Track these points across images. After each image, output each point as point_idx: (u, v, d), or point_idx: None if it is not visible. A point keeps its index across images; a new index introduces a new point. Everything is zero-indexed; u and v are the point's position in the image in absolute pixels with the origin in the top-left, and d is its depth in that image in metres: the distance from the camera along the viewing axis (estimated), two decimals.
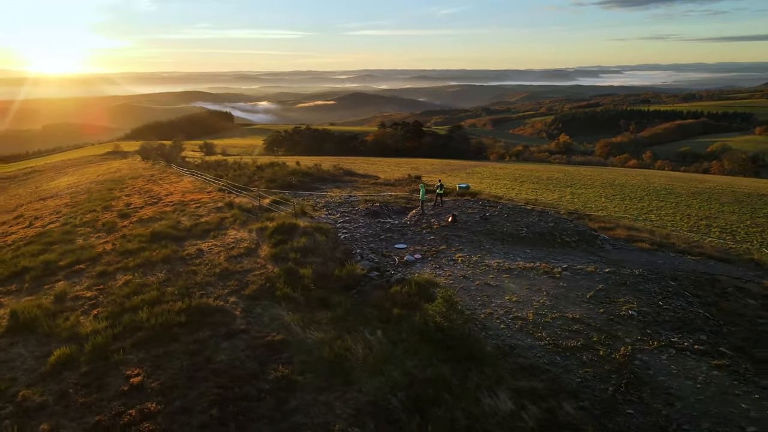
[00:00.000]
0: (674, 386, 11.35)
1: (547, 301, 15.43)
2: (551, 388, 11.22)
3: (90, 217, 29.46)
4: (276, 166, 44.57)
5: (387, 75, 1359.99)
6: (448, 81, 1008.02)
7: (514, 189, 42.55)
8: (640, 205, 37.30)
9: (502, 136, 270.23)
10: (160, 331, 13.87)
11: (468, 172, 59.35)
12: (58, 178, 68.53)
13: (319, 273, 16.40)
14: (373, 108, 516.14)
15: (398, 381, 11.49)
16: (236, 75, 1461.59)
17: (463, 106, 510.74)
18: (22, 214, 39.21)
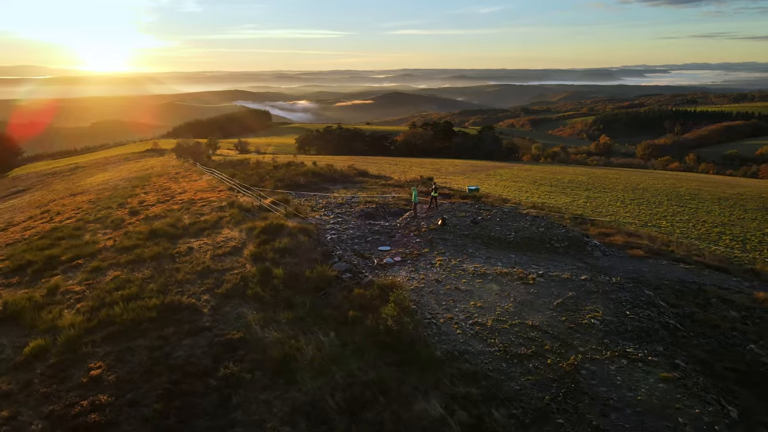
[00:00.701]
0: (614, 397, 11.23)
1: (512, 307, 15.39)
2: (487, 395, 11.27)
3: (103, 214, 30.76)
4: (292, 165, 45.32)
5: (426, 74, 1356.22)
6: (487, 80, 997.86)
7: (527, 192, 42.10)
8: (656, 210, 36.39)
9: (540, 137, 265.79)
10: (129, 326, 14.54)
11: (489, 173, 58.88)
12: (95, 174, 71.36)
13: (291, 274, 16.80)
14: (411, 108, 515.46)
15: (339, 382, 11.76)
16: (277, 74, 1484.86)
17: (501, 106, 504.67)
18: (49, 209, 41.13)
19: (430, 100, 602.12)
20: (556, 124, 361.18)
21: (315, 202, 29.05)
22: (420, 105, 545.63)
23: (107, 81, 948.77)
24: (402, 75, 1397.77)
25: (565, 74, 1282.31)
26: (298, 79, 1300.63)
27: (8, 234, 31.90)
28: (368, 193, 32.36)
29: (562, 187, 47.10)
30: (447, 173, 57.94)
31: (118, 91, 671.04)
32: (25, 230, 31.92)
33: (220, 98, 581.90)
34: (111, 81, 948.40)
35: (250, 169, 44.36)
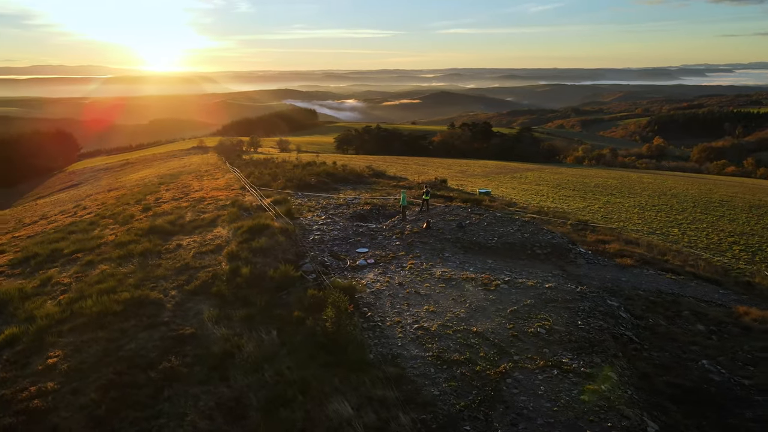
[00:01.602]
0: (530, 407, 11.20)
1: (464, 313, 15.44)
2: (403, 398, 11.45)
3: (119, 210, 32.35)
4: (312, 165, 46.14)
5: (474, 74, 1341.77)
6: (537, 80, 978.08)
7: (542, 196, 41.45)
8: (675, 217, 35.27)
9: (589, 139, 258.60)
10: (95, 318, 15.43)
11: (515, 176, 58.15)
12: (138, 171, 74.60)
13: (257, 273, 17.38)
14: (459, 107, 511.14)
15: (267, 381, 12.21)
16: (326, 73, 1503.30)
17: (552, 107, 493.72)
18: (80, 204, 43.52)
19: (478, 100, 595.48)
20: (608, 125, 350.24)
21: (316, 203, 29.64)
22: (467, 105, 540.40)
23: (165, 80, 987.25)
24: (450, 74, 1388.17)
25: (619, 74, 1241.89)
26: (346, 78, 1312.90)
27: (35, 227, 34.03)
28: (373, 195, 32.70)
29: (585, 192, 46.12)
30: (471, 175, 57.62)
31: (174, 89, 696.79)
32: (50, 223, 33.97)
33: (270, 97, 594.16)
34: (168, 80, 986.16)
35: (270, 168, 45.46)
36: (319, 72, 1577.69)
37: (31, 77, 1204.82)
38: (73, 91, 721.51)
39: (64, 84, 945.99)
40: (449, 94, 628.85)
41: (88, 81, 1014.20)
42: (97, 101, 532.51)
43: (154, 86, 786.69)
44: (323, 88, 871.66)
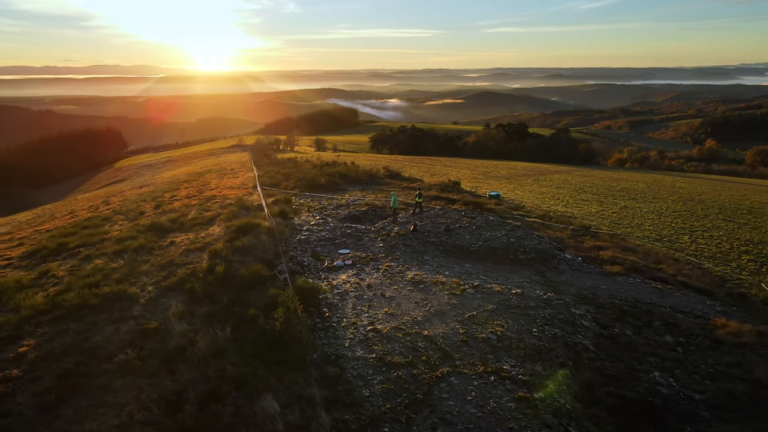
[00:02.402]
0: (455, 412, 11.28)
1: (421, 316, 15.57)
2: (333, 398, 11.74)
3: (134, 207, 33.76)
4: (329, 165, 46.81)
5: (520, 73, 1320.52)
6: (585, 80, 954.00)
7: (557, 200, 40.77)
8: (692, 223, 34.25)
9: (637, 140, 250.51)
10: (73, 311, 16.33)
11: (540, 178, 57.26)
12: (175, 168, 77.26)
13: (231, 271, 17.97)
14: (503, 107, 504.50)
15: (209, 376, 12.71)
16: (370, 73, 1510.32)
17: (599, 107, 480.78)
18: (108, 200, 45.54)
19: (523, 99, 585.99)
20: (658, 126, 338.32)
21: (317, 203, 30.17)
22: (512, 105, 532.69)
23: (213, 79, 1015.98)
24: (495, 74, 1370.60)
25: (672, 73, 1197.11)
26: (390, 78, 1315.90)
27: (59, 221, 35.84)
28: (377, 196, 33.01)
29: (605, 196, 45.08)
30: (494, 177, 57.07)
31: (222, 88, 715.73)
32: (73, 218, 35.74)
33: (315, 96, 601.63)
34: (216, 79, 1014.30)
35: (288, 167, 46.39)
36: (363, 71, 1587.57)
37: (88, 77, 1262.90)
38: (128, 90, 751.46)
39: (120, 83, 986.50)
40: (493, 94, 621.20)
41: (142, 80, 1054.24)
42: (150, 100, 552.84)
43: (203, 85, 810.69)
44: (367, 87, 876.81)
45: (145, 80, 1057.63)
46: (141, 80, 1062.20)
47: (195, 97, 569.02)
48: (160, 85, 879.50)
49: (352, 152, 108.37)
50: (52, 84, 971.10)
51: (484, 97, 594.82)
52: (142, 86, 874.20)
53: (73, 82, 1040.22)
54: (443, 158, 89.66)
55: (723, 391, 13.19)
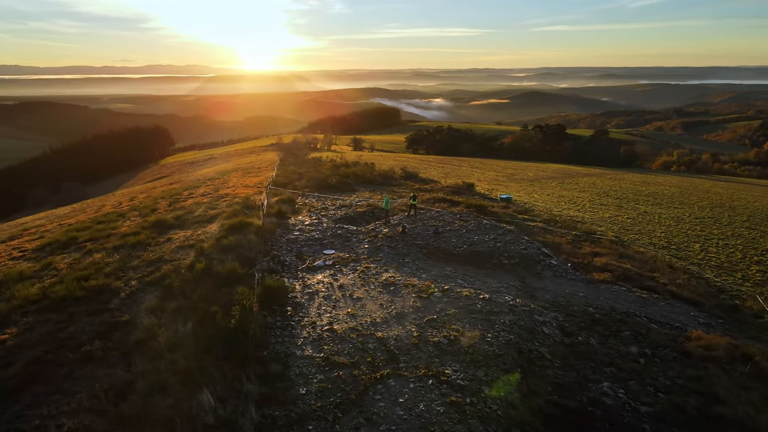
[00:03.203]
0: (382, 413, 11.48)
1: (381, 318, 15.78)
2: (268, 395, 12.14)
3: (149, 203, 35.21)
4: (348, 166, 47.34)
5: (569, 73, 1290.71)
6: (637, 79, 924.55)
7: (574, 204, 40.01)
8: (709, 231, 33.20)
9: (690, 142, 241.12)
10: (58, 302, 17.33)
11: (564, 182, 56.18)
12: (212, 166, 79.75)
13: (209, 268, 18.65)
14: (550, 108, 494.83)
15: (161, 368, 13.32)
16: (415, 72, 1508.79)
17: (651, 107, 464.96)
18: (136, 196, 47.51)
19: (571, 100, 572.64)
20: (714, 127, 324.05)
21: (321, 203, 30.72)
22: (559, 105, 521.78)
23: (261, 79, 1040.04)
24: (542, 73, 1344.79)
25: (732, 72, 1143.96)
26: (435, 77, 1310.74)
27: (85, 215, 37.69)
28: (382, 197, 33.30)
29: (627, 200, 43.89)
30: (518, 179, 56.32)
31: (269, 88, 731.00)
32: (97, 213, 37.56)
33: (360, 95, 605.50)
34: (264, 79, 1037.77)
35: (306, 167, 47.21)
36: (409, 71, 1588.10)
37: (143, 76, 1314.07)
38: (180, 89, 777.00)
39: (172, 82, 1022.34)
40: (540, 94, 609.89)
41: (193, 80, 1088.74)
42: (199, 99, 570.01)
43: (251, 84, 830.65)
44: (411, 87, 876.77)
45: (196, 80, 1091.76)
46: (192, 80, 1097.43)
47: (243, 96, 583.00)
48: (210, 85, 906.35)
49: (389, 152, 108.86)
50: (110, 83, 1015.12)
51: (530, 97, 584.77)
52: (193, 85, 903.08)
53: (130, 82, 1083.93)
54: (476, 159, 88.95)
55: (673, 404, 12.88)
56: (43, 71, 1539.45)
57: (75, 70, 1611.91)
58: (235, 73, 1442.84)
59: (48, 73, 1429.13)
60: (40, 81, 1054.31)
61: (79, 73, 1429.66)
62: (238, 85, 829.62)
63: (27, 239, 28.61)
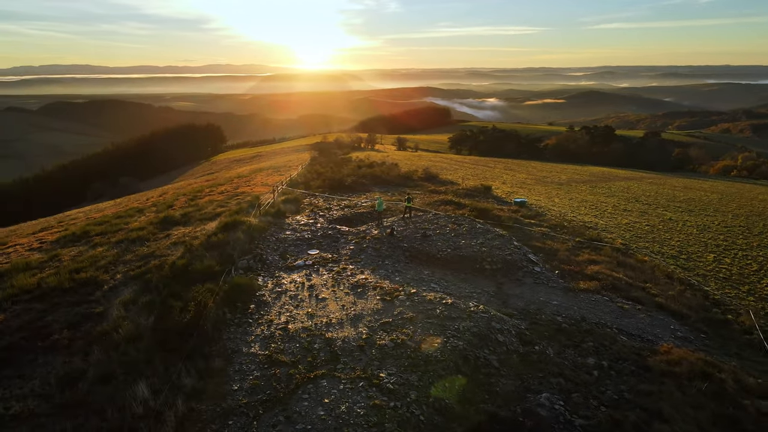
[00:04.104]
0: (303, 412, 11.74)
1: (337, 319, 16.02)
2: (200, 389, 12.65)
3: (171, 199, 36.74)
4: (371, 166, 47.73)
5: (630, 72, 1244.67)
6: (703, 78, 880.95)
7: (592, 209, 38.88)
8: (732, 241, 31.82)
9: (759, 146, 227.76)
10: (47, 292, 18.49)
11: (596, 185, 54.60)
12: (253, 163, 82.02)
13: (188, 265, 19.40)
14: (608, 108, 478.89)
15: (113, 359, 14.09)
16: (469, 71, 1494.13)
17: (718, 108, 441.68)
18: (166, 191, 49.58)
19: (631, 100, 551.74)
20: None
21: (326, 203, 31.20)
22: (618, 105, 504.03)
23: (315, 78, 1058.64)
24: (601, 72, 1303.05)
25: None
26: (489, 77, 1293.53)
27: (114, 209, 39.72)
28: (392, 198, 33.45)
29: (655, 207, 42.25)
30: (548, 182, 55.09)
31: (323, 86, 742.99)
32: (124, 207, 39.49)
33: (412, 94, 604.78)
34: (318, 78, 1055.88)
35: (328, 167, 47.91)
36: (462, 70, 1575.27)
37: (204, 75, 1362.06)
38: (237, 87, 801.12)
39: (230, 81, 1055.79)
40: (598, 94, 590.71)
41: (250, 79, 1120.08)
42: (255, 97, 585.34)
43: (306, 83, 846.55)
44: (465, 86, 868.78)
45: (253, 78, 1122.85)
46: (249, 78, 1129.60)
47: (298, 94, 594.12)
48: (266, 83, 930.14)
49: (433, 152, 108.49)
50: (173, 82, 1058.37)
51: (587, 96, 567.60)
52: (249, 84, 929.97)
53: (191, 81, 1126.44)
54: (514, 161, 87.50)
55: (612, 419, 12.51)
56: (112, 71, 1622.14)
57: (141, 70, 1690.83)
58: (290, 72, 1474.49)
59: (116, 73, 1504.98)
60: (109, 80, 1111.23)
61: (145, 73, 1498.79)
62: (293, 84, 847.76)
63: (52, 231, 30.42)
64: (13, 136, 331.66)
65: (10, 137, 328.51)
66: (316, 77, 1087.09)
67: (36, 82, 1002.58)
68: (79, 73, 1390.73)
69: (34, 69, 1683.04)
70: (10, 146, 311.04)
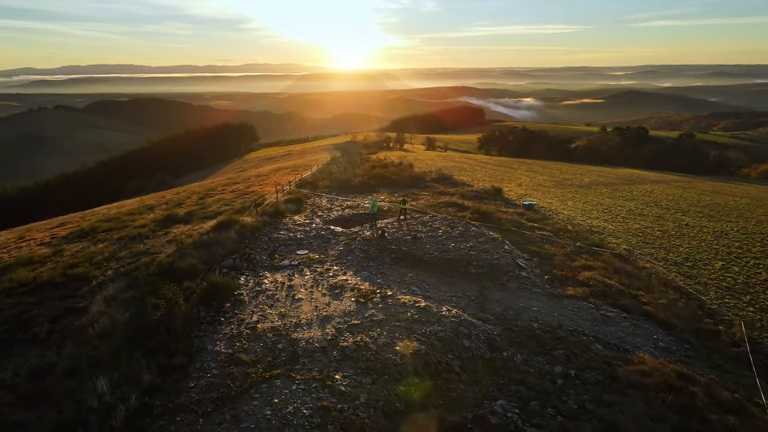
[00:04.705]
0: (250, 411, 11.88)
1: (307, 320, 16.16)
2: (159, 385, 12.97)
3: (184, 197, 37.67)
4: (386, 167, 47.81)
5: (673, 71, 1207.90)
6: (752, 78, 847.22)
7: (604, 213, 38.06)
8: (747, 249, 30.61)
9: None
10: (40, 285, 19.23)
11: (617, 188, 53.34)
12: (280, 162, 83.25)
13: (172, 264, 19.89)
14: (649, 108, 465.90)
15: (84, 353, 14.57)
16: (505, 71, 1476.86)
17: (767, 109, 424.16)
18: (187, 189, 50.74)
19: (674, 100, 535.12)
20: None
21: (329, 203, 31.46)
22: (660, 105, 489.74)
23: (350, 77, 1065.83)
24: (643, 71, 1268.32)
25: None
26: (526, 76, 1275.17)
27: (133, 206, 40.96)
28: (394, 199, 33.49)
29: (674, 212, 41.00)
30: (568, 185, 54.08)
31: (358, 86, 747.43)
32: (142, 203, 40.65)
33: (447, 94, 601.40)
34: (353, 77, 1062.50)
35: (340, 166, 48.21)
36: (499, 69, 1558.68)
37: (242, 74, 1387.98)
38: (274, 86, 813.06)
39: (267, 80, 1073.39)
40: (640, 94, 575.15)
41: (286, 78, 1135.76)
42: (291, 96, 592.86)
43: (341, 82, 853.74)
44: (501, 85, 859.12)
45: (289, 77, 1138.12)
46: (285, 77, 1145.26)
47: (333, 93, 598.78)
48: (302, 83, 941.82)
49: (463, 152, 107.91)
50: (212, 81, 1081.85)
51: (628, 96, 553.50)
52: (285, 83, 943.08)
53: (229, 80, 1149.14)
54: (540, 162, 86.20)
55: (565, 429, 12.28)
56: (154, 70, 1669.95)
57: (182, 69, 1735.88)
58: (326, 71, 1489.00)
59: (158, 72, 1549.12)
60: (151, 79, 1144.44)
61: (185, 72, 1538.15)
62: (328, 83, 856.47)
63: (67, 227, 31.58)
64: (61, 133, 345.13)
65: (58, 134, 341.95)
66: (352, 76, 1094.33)
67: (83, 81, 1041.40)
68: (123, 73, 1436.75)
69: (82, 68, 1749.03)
70: (58, 143, 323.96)
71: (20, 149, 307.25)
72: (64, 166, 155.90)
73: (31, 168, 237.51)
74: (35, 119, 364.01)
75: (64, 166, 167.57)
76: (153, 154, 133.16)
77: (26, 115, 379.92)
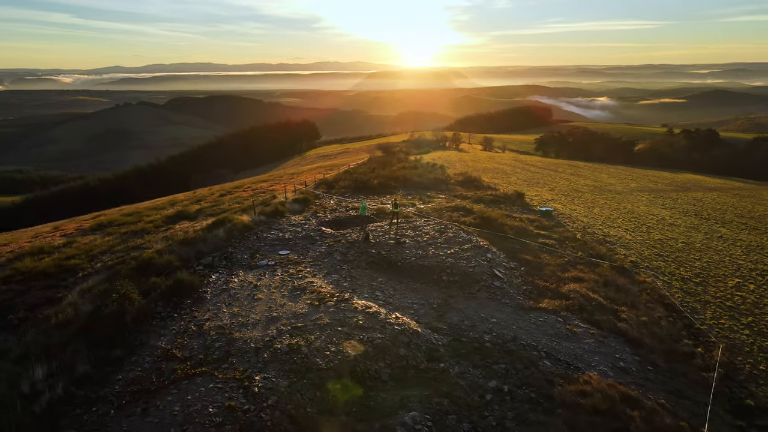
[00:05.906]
0: (161, 407, 12.35)
1: (255, 319, 16.49)
2: (89, 375, 13.74)
3: (206, 192, 39.24)
4: (413, 168, 47.68)
5: (765, 69, 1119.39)
6: None
7: (633, 221, 36.25)
8: None
9: None
10: (34, 274, 20.75)
11: (660, 196, 50.58)
12: (330, 159, 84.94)
13: (151, 259, 20.85)
14: (736, 108, 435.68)
15: (39, 341, 15.61)
16: (579, 69, 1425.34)
17: None
18: (221, 187, 52.64)
19: (764, 99, 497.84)
20: None
21: (337, 204, 31.83)
22: (749, 105, 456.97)
23: (418, 75, 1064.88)
24: (731, 70, 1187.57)
25: None
26: (601, 74, 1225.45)
27: (159, 201, 43.09)
28: (405, 200, 33.41)
29: (714, 222, 38.55)
30: (608, 191, 51.80)
31: (425, 84, 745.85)
32: (170, 198, 42.66)
33: (516, 93, 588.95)
34: (421, 75, 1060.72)
35: (371, 166, 48.48)
36: (572, 67, 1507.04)
37: (312, 72, 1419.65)
38: (342, 84, 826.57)
39: (337, 78, 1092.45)
40: (726, 93, 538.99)
41: (355, 76, 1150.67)
42: (359, 94, 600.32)
43: (409, 81, 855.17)
44: (574, 84, 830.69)
45: (358, 75, 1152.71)
46: (354, 75, 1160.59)
47: (400, 91, 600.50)
48: (370, 80, 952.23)
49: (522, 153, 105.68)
50: (284, 79, 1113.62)
51: (713, 96, 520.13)
52: (354, 81, 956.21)
53: (300, 78, 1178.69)
54: (595, 165, 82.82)
55: None
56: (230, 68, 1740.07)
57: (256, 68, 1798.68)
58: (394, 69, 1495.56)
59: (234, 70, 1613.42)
60: (227, 77, 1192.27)
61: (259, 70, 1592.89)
62: (396, 81, 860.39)
63: (94, 219, 33.76)
64: (143, 128, 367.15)
65: (140, 129, 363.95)
66: (420, 74, 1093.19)
67: (165, 78, 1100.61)
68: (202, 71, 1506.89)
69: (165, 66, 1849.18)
70: (140, 137, 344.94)
71: (107, 142, 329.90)
72: (144, 159, 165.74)
73: (116, 160, 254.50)
74: (120, 115, 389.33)
75: (144, 158, 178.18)
76: (218, 149, 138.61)
77: (112, 110, 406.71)
